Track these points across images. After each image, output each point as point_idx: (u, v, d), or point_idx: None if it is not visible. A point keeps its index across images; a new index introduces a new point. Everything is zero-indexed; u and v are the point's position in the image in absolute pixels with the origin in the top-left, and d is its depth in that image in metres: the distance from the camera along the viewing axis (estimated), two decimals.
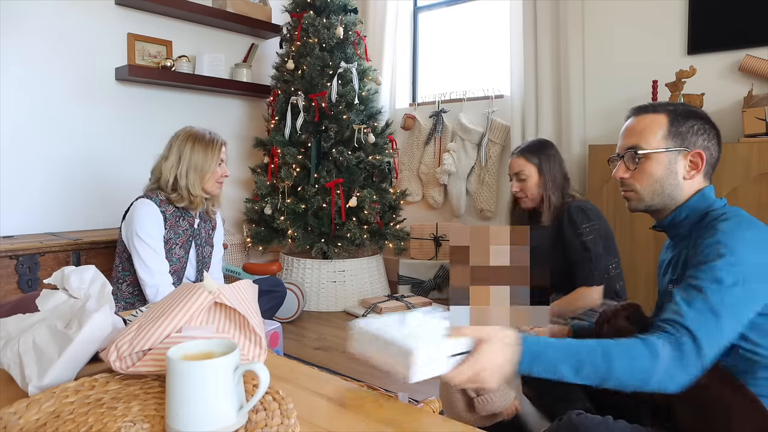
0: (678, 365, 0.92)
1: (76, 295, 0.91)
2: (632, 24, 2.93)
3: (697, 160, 1.13)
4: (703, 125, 1.14)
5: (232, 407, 0.68)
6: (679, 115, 1.15)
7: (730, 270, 0.97)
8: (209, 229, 2.19)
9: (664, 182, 1.15)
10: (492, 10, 3.61)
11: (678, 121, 1.14)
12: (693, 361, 0.92)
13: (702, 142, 1.13)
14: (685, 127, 1.14)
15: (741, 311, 0.97)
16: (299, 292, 3.07)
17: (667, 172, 1.14)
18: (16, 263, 2.35)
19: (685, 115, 1.15)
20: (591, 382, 0.92)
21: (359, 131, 3.20)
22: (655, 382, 0.92)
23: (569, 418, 1.07)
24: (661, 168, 1.15)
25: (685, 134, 1.14)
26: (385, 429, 0.76)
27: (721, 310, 0.95)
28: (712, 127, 1.15)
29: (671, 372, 0.92)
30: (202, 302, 0.81)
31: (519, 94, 3.25)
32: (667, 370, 0.92)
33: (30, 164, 2.81)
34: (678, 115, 1.15)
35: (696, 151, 1.13)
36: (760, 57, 2.52)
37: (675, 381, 0.92)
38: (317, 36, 3.25)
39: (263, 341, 0.86)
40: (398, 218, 3.47)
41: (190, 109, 3.47)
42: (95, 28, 3.00)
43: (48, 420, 0.72)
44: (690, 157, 1.13)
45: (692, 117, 1.15)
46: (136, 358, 0.80)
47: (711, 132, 1.14)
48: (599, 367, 0.91)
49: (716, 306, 0.95)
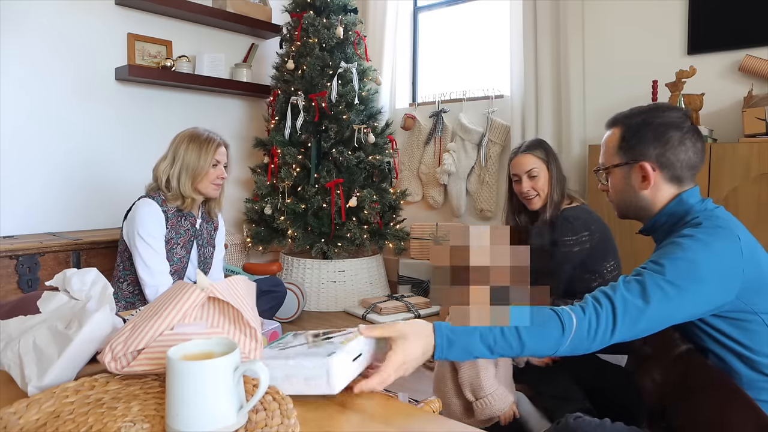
0: (586, 337, 0.95)
1: (77, 296, 0.92)
2: (632, 24, 2.93)
3: (646, 171, 1.14)
4: (660, 133, 1.13)
5: (232, 407, 0.68)
6: (631, 128, 1.17)
7: (676, 263, 0.99)
8: (211, 230, 2.19)
9: (625, 195, 1.19)
10: (492, 10, 3.61)
11: (628, 135, 1.17)
12: (602, 337, 0.95)
13: (653, 151, 1.14)
14: (634, 140, 1.16)
15: (676, 305, 0.98)
16: (299, 292, 3.07)
17: (624, 185, 1.19)
18: (16, 263, 2.35)
19: (638, 126, 1.16)
20: (506, 356, 0.97)
21: (359, 131, 3.20)
22: (562, 352, 0.96)
23: (566, 421, 1.07)
24: (619, 182, 1.20)
25: (633, 147, 1.16)
26: (385, 429, 0.76)
27: (653, 297, 0.96)
28: (676, 129, 1.13)
29: (576, 344, 0.95)
30: (195, 299, 0.82)
31: (519, 94, 3.25)
32: (573, 342, 0.95)
33: (30, 164, 2.81)
34: (630, 128, 1.17)
35: (639, 164, 1.15)
36: (760, 57, 2.52)
37: (579, 350, 0.96)
38: (317, 36, 3.25)
39: (258, 334, 0.86)
40: (398, 218, 3.47)
41: (190, 109, 3.47)
42: (95, 28, 3.00)
43: (48, 420, 0.72)
44: (638, 168, 1.16)
45: (644, 128, 1.15)
46: (131, 358, 0.80)
47: (672, 138, 1.13)
48: (513, 345, 0.94)
49: (651, 291, 0.97)
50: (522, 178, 1.93)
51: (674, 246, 1.03)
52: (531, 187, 1.91)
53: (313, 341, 0.91)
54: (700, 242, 1.01)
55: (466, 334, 0.93)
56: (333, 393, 0.79)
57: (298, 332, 1.00)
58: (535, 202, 1.92)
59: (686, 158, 1.13)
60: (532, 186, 1.91)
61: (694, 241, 1.01)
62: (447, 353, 0.92)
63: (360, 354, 0.86)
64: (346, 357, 0.82)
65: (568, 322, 0.95)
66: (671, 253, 1.01)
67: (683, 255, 1.00)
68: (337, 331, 0.94)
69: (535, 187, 1.90)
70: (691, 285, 0.98)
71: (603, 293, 0.99)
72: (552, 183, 1.90)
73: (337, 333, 0.92)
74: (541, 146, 1.96)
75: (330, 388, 0.79)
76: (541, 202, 1.92)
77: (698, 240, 1.01)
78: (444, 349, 0.92)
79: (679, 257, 1.00)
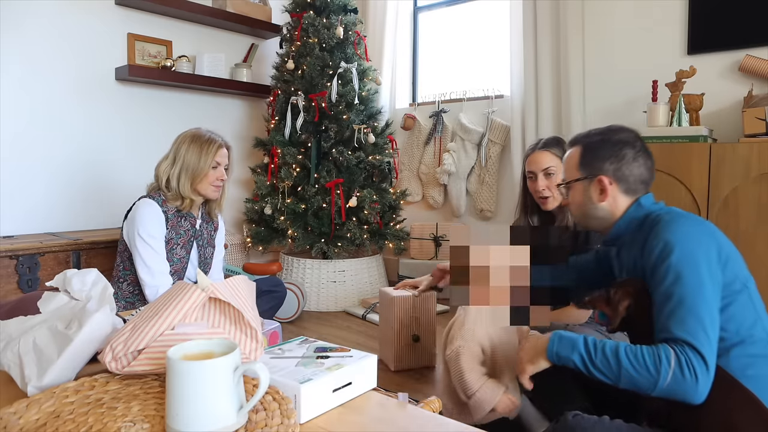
0: (691, 383, 1.01)
1: (78, 297, 0.92)
2: (632, 24, 2.93)
3: (603, 185, 1.27)
4: (616, 150, 1.27)
5: (232, 407, 0.68)
6: (590, 146, 1.31)
7: (685, 265, 1.08)
8: (211, 230, 2.19)
9: (585, 207, 1.31)
10: (492, 10, 3.61)
11: (587, 153, 1.30)
12: (702, 378, 1.01)
13: (609, 166, 1.26)
14: (590, 157, 1.29)
15: (714, 299, 1.07)
16: (299, 292, 3.07)
17: (583, 198, 1.31)
18: (16, 263, 2.35)
19: (595, 145, 1.30)
20: (603, 370, 1.08)
21: (359, 131, 3.20)
22: (666, 392, 1.03)
23: (566, 419, 1.08)
24: (579, 195, 1.32)
25: (591, 164, 1.29)
26: (385, 429, 0.76)
27: (702, 312, 1.05)
28: (630, 147, 1.27)
29: (683, 388, 1.01)
30: (196, 299, 0.82)
31: (519, 94, 3.25)
32: (675, 389, 1.02)
33: (29, 164, 2.81)
34: (589, 146, 1.31)
35: (598, 178, 1.27)
36: (760, 57, 2.52)
37: (692, 395, 1.02)
38: (317, 36, 3.25)
39: (259, 335, 0.86)
40: (398, 218, 3.47)
41: (190, 109, 3.47)
42: (95, 28, 3.00)
43: (48, 420, 0.72)
44: (597, 182, 1.28)
45: (601, 146, 1.29)
46: (131, 358, 0.80)
47: (626, 155, 1.26)
48: (611, 362, 1.07)
49: (697, 309, 1.05)
50: (537, 176, 1.86)
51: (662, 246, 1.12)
52: (546, 186, 1.84)
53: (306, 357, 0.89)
54: (677, 241, 1.11)
55: (575, 336, 1.14)
56: (299, 421, 0.76)
57: (309, 339, 0.99)
58: (549, 202, 1.86)
59: (639, 173, 1.26)
60: (548, 185, 1.84)
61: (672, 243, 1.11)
62: (558, 345, 1.15)
63: (349, 383, 0.83)
64: (324, 386, 0.79)
65: (663, 367, 1.02)
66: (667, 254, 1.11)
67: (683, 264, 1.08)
68: (339, 351, 0.91)
69: (551, 186, 1.84)
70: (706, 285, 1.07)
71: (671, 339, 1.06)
72: None
73: (336, 354, 0.90)
74: (559, 144, 1.89)
75: (297, 415, 0.75)
76: (555, 203, 1.86)
77: (674, 241, 1.11)
78: (555, 341, 1.15)
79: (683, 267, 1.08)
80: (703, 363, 1.01)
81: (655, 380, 1.02)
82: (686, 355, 1.01)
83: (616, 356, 1.06)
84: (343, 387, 0.82)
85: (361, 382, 0.86)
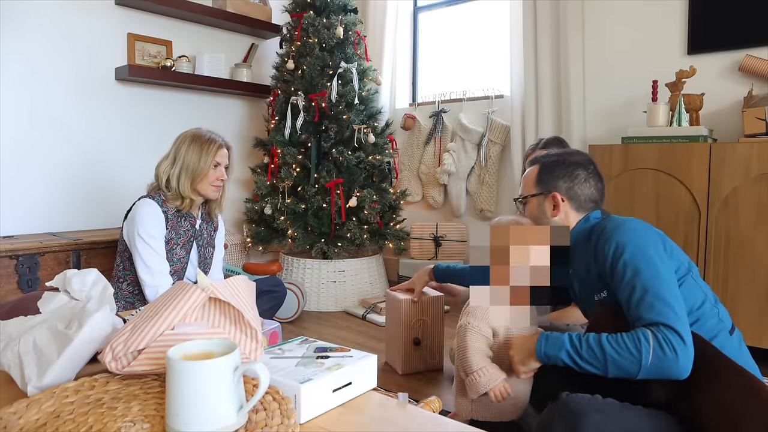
0: (672, 358, 1.08)
1: (78, 297, 0.92)
2: (632, 24, 2.93)
3: (557, 201, 1.39)
4: (570, 171, 1.40)
5: (232, 407, 0.68)
6: (546, 165, 1.43)
7: (639, 258, 1.19)
8: (211, 230, 2.19)
9: (539, 220, 1.43)
10: (492, 10, 3.61)
11: (543, 172, 1.43)
12: (681, 352, 1.08)
13: (563, 184, 1.39)
14: (547, 176, 1.42)
15: (672, 281, 1.17)
16: (299, 292, 3.07)
17: (538, 211, 1.44)
18: (16, 263, 2.35)
19: (551, 165, 1.42)
20: (591, 361, 1.16)
21: (359, 131, 3.20)
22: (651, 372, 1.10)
23: (561, 398, 1.11)
24: (534, 209, 1.45)
25: (546, 181, 1.41)
26: (385, 429, 0.76)
27: (665, 294, 1.14)
28: (583, 169, 1.40)
29: (666, 364, 1.09)
30: (196, 299, 0.81)
31: (519, 94, 3.25)
32: (659, 366, 1.09)
33: (30, 164, 2.81)
34: (545, 166, 1.43)
35: (552, 194, 1.40)
36: (760, 57, 2.52)
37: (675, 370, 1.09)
38: (317, 36, 3.25)
39: (259, 335, 0.86)
40: (398, 218, 3.47)
41: (190, 109, 3.47)
42: (95, 28, 3.00)
43: (48, 420, 0.72)
44: (551, 198, 1.40)
45: (557, 166, 1.41)
46: (131, 358, 0.80)
47: (579, 175, 1.39)
48: (596, 352, 1.15)
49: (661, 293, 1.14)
50: None
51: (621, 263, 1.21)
52: None
53: (306, 357, 0.89)
54: (627, 240, 1.22)
55: (560, 335, 1.22)
56: (299, 422, 0.76)
57: (309, 339, 0.99)
58: None
59: (589, 193, 1.39)
60: None
61: (623, 242, 1.22)
62: (545, 346, 1.23)
63: (349, 383, 0.83)
64: (324, 386, 0.79)
65: (644, 348, 1.10)
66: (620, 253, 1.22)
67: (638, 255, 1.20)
68: (339, 351, 0.91)
69: None
70: (663, 269, 1.18)
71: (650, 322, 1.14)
72: None
73: (336, 354, 0.90)
74: (560, 144, 1.92)
75: (297, 416, 0.75)
76: None
77: (624, 240, 1.22)
78: (542, 342, 1.24)
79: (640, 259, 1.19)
80: (679, 338, 1.08)
81: (638, 361, 1.09)
82: (662, 333, 1.09)
83: (600, 345, 1.14)
84: (343, 387, 0.82)
85: (361, 382, 0.86)
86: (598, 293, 1.31)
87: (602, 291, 1.30)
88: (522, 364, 1.30)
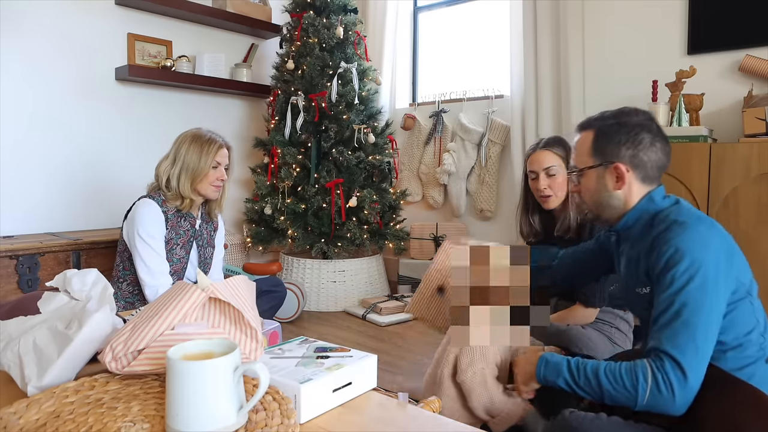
0: (668, 398, 1.02)
1: (78, 297, 0.92)
2: (632, 24, 2.93)
3: (620, 172, 1.20)
4: (633, 135, 1.20)
5: (232, 407, 0.68)
6: (604, 130, 1.23)
7: (691, 276, 1.06)
8: (211, 230, 2.19)
9: (599, 195, 1.25)
10: (492, 10, 3.61)
11: (601, 137, 1.23)
12: (680, 392, 1.02)
13: (626, 152, 1.20)
14: (605, 143, 1.22)
15: (713, 315, 1.06)
16: (299, 292, 3.07)
17: (598, 185, 1.24)
18: (16, 263, 2.35)
19: (610, 130, 1.22)
20: (586, 389, 1.12)
21: (359, 131, 3.20)
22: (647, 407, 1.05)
23: (563, 416, 1.09)
24: (593, 183, 1.25)
25: (606, 149, 1.22)
26: (385, 429, 0.76)
27: (696, 329, 1.04)
28: (647, 131, 1.20)
29: (661, 403, 1.03)
30: (196, 299, 0.81)
31: (519, 94, 3.25)
32: (654, 405, 1.04)
33: (30, 164, 2.81)
34: (603, 130, 1.23)
35: (615, 165, 1.21)
36: (760, 57, 2.52)
37: (670, 409, 1.03)
38: (317, 36, 3.25)
39: (259, 335, 0.86)
40: (398, 218, 3.47)
41: (190, 109, 3.47)
42: (95, 28, 3.00)
43: (48, 420, 0.72)
44: (612, 170, 1.21)
45: (617, 131, 1.21)
46: (131, 358, 0.80)
47: (644, 139, 1.19)
48: (591, 381, 1.11)
49: (693, 325, 1.04)
50: (539, 176, 1.84)
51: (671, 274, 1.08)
52: (548, 185, 1.82)
53: (306, 357, 0.89)
54: (687, 250, 1.07)
55: (559, 360, 1.17)
56: (299, 422, 0.76)
57: (309, 339, 0.99)
58: (551, 201, 1.84)
59: (656, 159, 1.20)
60: (549, 184, 1.83)
61: (682, 252, 1.08)
62: (544, 370, 1.18)
63: (349, 383, 0.83)
64: (323, 386, 0.79)
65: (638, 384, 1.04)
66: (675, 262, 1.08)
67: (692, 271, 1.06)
68: (339, 351, 0.91)
69: (552, 185, 1.82)
70: (715, 291, 1.06)
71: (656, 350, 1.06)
72: None
73: (336, 354, 0.90)
74: (561, 144, 1.88)
75: (297, 416, 0.76)
76: (556, 202, 1.85)
77: (684, 249, 1.08)
78: (542, 367, 1.18)
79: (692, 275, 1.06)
80: (682, 375, 1.01)
81: (634, 398, 1.04)
82: (663, 371, 1.02)
83: (597, 377, 1.09)
84: (343, 387, 0.82)
85: (361, 382, 0.86)
86: (642, 287, 1.21)
87: (646, 287, 1.19)
88: (525, 384, 1.27)
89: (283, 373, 0.81)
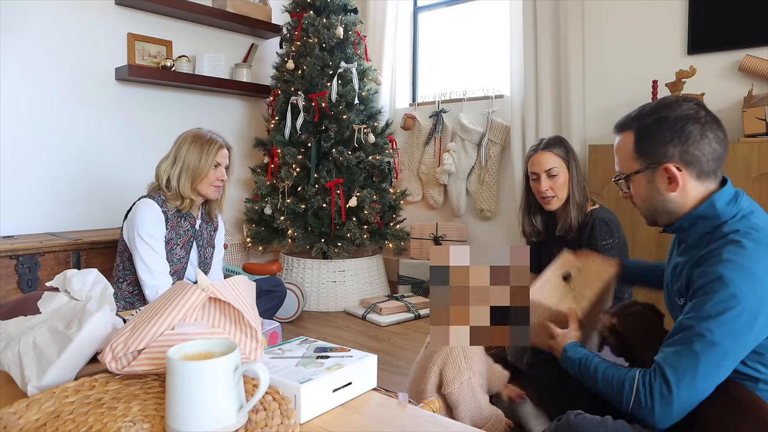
0: (647, 411, 1.02)
1: (78, 297, 0.92)
2: (632, 24, 2.93)
3: (671, 173, 1.08)
4: (678, 130, 1.07)
5: (232, 407, 0.68)
6: (644, 130, 1.11)
7: (722, 311, 0.97)
8: (211, 231, 2.19)
9: (652, 200, 1.14)
10: (492, 10, 3.61)
11: (643, 138, 1.11)
12: (660, 408, 1.01)
13: (674, 150, 1.07)
14: (650, 143, 1.10)
15: (730, 357, 0.99)
16: (299, 292, 3.07)
17: (649, 190, 1.13)
18: (16, 263, 2.35)
19: (652, 127, 1.10)
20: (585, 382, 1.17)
21: (359, 131, 3.20)
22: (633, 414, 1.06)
23: (568, 418, 1.07)
24: (644, 188, 1.14)
25: (651, 150, 1.10)
26: (385, 429, 0.76)
27: (700, 366, 0.98)
28: (694, 122, 1.06)
29: (641, 414, 1.04)
30: (196, 299, 0.81)
31: (519, 94, 3.25)
32: (637, 413, 1.05)
33: (30, 164, 2.81)
34: (643, 130, 1.11)
35: (664, 166, 1.09)
36: (760, 57, 2.52)
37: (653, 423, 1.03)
38: (317, 36, 3.25)
39: (259, 335, 0.86)
40: (398, 218, 3.47)
41: (190, 109, 3.47)
42: (95, 28, 3.00)
43: (48, 420, 0.72)
44: (662, 171, 1.10)
45: (659, 128, 1.09)
46: (131, 358, 0.80)
47: (692, 131, 1.06)
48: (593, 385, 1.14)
49: (698, 361, 0.98)
50: (540, 177, 1.84)
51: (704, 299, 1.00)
52: (549, 186, 1.82)
53: (306, 357, 0.89)
54: (730, 282, 0.97)
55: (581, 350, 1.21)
56: (299, 422, 0.76)
57: (309, 339, 0.98)
58: (552, 202, 1.85)
59: (710, 150, 1.06)
60: (551, 186, 1.83)
61: (725, 281, 0.98)
62: (570, 350, 1.22)
63: (349, 383, 0.83)
64: (323, 386, 0.79)
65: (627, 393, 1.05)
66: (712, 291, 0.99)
67: (729, 305, 0.97)
68: (338, 351, 0.91)
69: (554, 187, 1.83)
70: (743, 335, 0.98)
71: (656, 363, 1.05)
72: (572, 184, 1.83)
73: (336, 354, 0.90)
74: (561, 144, 1.87)
75: (297, 416, 0.75)
76: (558, 203, 1.85)
77: (728, 279, 0.97)
78: (568, 347, 1.22)
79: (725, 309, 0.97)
80: (668, 393, 0.98)
81: (620, 403, 1.07)
82: (649, 386, 1.01)
83: (596, 377, 1.13)
84: (343, 387, 0.82)
85: (361, 382, 0.86)
86: (679, 298, 1.13)
87: (682, 298, 1.12)
88: (552, 348, 1.30)
89: (283, 373, 0.81)
